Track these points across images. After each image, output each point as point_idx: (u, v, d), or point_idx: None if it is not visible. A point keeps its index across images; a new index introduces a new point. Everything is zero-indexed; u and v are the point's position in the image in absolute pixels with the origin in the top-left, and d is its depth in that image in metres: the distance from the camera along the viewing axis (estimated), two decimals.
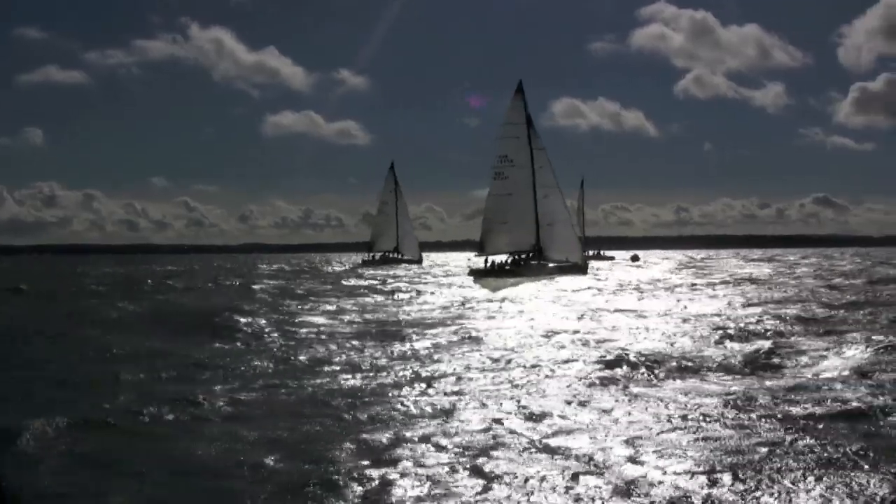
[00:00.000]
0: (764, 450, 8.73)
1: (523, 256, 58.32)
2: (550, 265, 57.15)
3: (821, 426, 9.78)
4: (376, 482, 7.89)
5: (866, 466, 8.03)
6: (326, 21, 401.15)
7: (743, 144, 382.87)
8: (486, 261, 58.41)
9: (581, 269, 57.32)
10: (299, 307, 29.90)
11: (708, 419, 10.24)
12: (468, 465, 8.32)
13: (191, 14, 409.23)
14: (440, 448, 9.05)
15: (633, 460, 8.45)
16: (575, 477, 7.89)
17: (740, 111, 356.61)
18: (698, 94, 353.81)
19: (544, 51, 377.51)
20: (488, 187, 59.65)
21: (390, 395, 12.37)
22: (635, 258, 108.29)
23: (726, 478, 7.73)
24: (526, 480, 7.82)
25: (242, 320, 22.90)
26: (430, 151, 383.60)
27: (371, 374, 14.29)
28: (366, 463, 8.52)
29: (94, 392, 12.58)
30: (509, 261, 57.90)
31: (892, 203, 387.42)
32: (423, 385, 13.11)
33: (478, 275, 55.62)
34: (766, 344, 16.93)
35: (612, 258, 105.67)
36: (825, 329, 19.72)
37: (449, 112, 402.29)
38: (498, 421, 10.35)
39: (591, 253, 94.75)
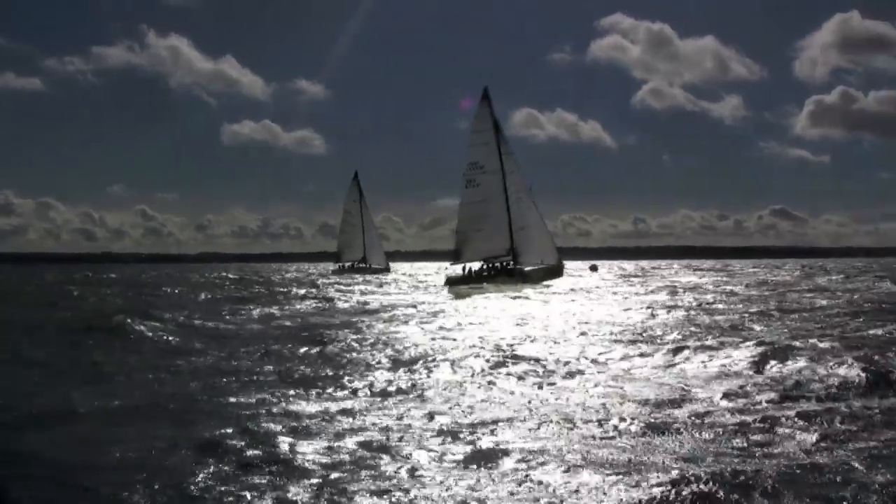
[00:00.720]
0: (633, 446, 9.26)
1: (496, 265, 58.41)
2: (527, 269, 57.27)
3: (689, 419, 10.41)
4: (272, 476, 8.20)
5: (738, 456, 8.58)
6: (283, 31, 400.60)
7: (701, 156, 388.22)
8: (463, 268, 58.74)
9: (557, 271, 57.83)
10: (235, 315, 29.92)
11: (589, 417, 10.74)
12: (361, 461, 8.68)
13: (148, 21, 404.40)
14: (340, 444, 9.37)
15: (512, 457, 8.82)
16: (458, 470, 8.33)
17: (698, 123, 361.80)
18: (656, 105, 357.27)
19: (504, 61, 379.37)
20: (455, 196, 60.11)
21: (289, 392, 12.70)
22: (594, 268, 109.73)
23: (600, 474, 8.09)
24: (413, 476, 8.15)
25: (158, 326, 23.02)
26: (388, 161, 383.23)
27: (271, 375, 14.66)
28: (261, 456, 8.85)
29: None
30: (485, 267, 58.18)
31: (848, 215, 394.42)
32: (331, 383, 13.53)
33: (454, 283, 55.93)
34: (668, 347, 17.60)
35: None
36: (728, 331, 20.72)
37: (407, 122, 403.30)
38: (396, 418, 10.79)
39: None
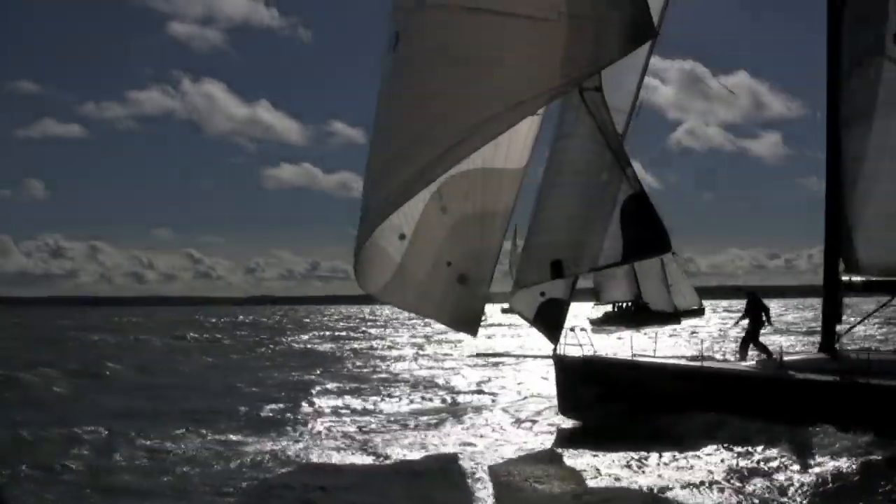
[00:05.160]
0: None
1: (625, 305, 66.86)
2: (656, 313, 63.15)
3: None
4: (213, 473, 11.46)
5: None
6: (315, 75, 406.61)
7: (744, 195, 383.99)
8: (614, 306, 67.32)
9: (675, 317, 63.44)
10: None
11: None
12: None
13: (180, 67, 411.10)
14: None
15: None
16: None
17: (738, 161, 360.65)
18: (694, 145, 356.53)
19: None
20: None
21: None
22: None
23: None
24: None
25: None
26: None
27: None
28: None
29: None
30: (624, 308, 66.35)
31: None
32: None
33: (598, 322, 61.02)
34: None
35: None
36: None
37: None
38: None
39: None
